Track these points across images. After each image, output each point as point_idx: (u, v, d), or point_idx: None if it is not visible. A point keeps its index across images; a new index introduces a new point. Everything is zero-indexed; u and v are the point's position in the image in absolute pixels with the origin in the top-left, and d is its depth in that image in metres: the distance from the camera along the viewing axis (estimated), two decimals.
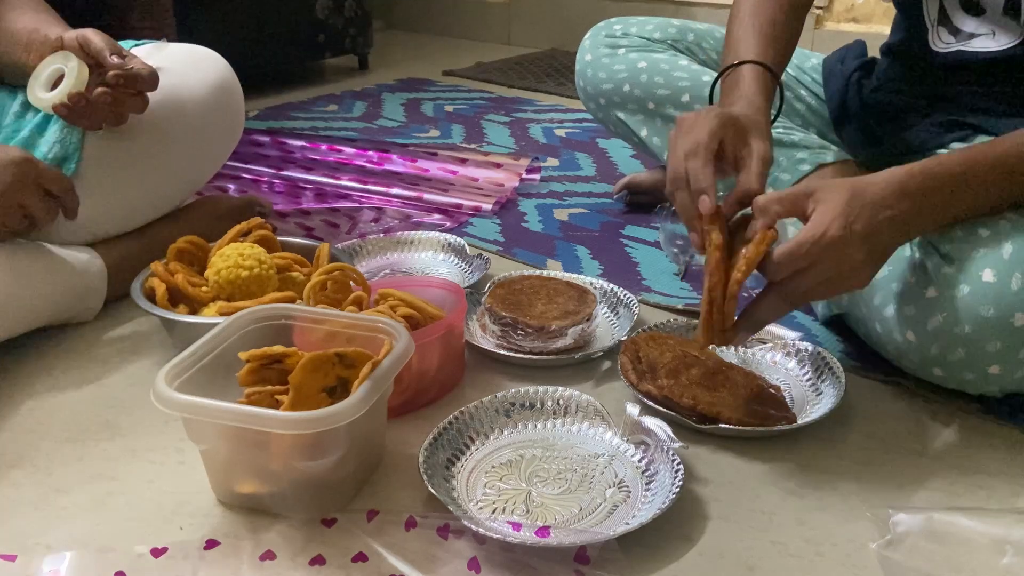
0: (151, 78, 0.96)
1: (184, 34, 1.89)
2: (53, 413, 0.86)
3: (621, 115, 1.28)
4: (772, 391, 0.84)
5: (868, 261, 0.74)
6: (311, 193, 1.43)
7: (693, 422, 0.81)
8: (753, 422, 0.80)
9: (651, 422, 0.77)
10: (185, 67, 1.09)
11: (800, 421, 0.81)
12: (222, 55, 1.15)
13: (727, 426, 0.80)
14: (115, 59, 0.95)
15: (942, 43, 0.99)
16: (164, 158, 1.06)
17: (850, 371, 0.90)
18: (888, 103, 1.10)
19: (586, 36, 1.34)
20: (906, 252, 0.84)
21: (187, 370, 0.71)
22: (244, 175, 1.50)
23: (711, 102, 0.95)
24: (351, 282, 0.89)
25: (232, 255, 0.91)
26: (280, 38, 2.16)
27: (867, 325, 0.89)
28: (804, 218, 0.75)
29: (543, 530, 0.66)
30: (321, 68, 2.46)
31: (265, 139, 1.62)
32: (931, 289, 0.80)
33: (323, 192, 1.43)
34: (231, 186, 1.46)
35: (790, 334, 0.95)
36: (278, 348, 0.73)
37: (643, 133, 1.27)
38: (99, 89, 0.93)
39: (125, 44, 1.13)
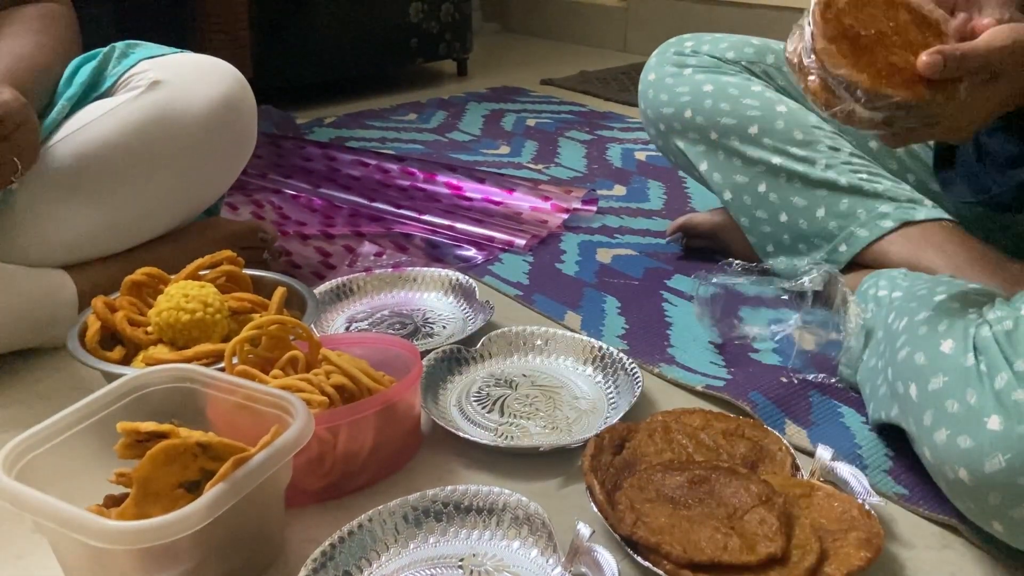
0: None
1: (265, 38, 1.84)
2: None
3: (681, 144, 1.11)
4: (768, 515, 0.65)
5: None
6: (345, 213, 1.34)
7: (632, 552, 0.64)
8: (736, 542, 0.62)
9: (602, 556, 0.61)
10: (185, 81, 1.00)
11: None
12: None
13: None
14: None
15: None
16: (152, 179, 0.98)
17: (897, 502, 0.72)
18: (1005, 147, 0.88)
19: (654, 52, 1.18)
20: (968, 360, 0.64)
21: (47, 441, 0.62)
22: (286, 190, 1.43)
23: None
24: (292, 337, 0.78)
25: (176, 295, 0.82)
26: (369, 41, 2.07)
27: (918, 446, 0.69)
28: None
29: None
30: (414, 73, 2.37)
31: (316, 151, 1.54)
32: (994, 418, 0.60)
33: (356, 213, 1.33)
34: (253, 207, 1.39)
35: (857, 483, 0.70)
36: (150, 425, 0.62)
37: (703, 167, 1.10)
38: None
39: (139, 53, 1.06)
